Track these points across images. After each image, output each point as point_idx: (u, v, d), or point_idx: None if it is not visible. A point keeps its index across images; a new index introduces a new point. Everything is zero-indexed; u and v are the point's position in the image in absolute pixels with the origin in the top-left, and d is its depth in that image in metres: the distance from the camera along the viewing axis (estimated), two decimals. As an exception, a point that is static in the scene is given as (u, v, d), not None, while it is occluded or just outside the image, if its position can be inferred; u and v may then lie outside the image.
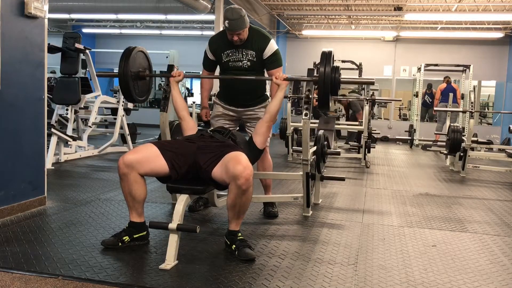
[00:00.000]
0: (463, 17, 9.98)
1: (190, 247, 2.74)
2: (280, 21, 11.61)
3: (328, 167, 6.37)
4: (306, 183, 3.48)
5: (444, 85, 10.10)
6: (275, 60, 3.38)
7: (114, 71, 3.63)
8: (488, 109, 15.17)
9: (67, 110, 6.43)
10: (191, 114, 7.72)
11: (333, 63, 3.07)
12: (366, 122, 6.89)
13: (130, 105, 7.01)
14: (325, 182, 4.78)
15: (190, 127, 3.12)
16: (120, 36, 14.17)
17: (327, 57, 3.03)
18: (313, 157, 3.77)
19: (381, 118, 13.34)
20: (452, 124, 6.81)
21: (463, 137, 6.16)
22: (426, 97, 11.99)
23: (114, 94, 12.40)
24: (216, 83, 3.73)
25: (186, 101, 15.55)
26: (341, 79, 3.15)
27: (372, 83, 3.70)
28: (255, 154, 2.99)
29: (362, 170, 6.42)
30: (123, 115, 6.81)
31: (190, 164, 2.68)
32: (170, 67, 3.40)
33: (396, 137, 10.72)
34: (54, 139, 5.53)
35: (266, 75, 3.47)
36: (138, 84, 3.32)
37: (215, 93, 3.81)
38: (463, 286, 2.34)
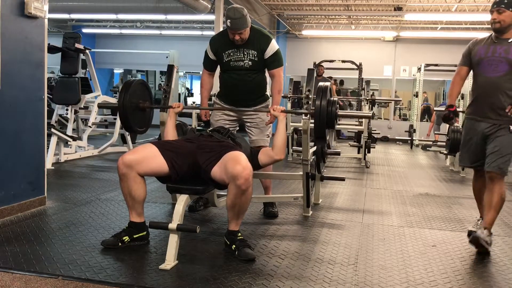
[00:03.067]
0: (463, 17, 9.98)
1: (190, 247, 2.74)
2: (280, 21, 11.60)
3: (328, 167, 6.37)
4: (306, 183, 3.48)
5: None
6: (276, 60, 3.38)
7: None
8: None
9: (67, 110, 6.43)
10: (190, 115, 7.72)
11: (330, 96, 3.07)
12: (366, 122, 6.89)
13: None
14: (325, 182, 4.78)
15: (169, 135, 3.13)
16: (120, 36, 14.17)
17: (323, 91, 3.02)
18: (313, 157, 3.77)
19: (381, 118, 13.34)
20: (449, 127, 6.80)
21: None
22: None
23: (114, 94, 12.41)
24: (216, 83, 3.72)
25: (186, 102, 15.57)
26: (339, 113, 3.13)
27: (372, 117, 3.77)
28: (254, 165, 2.97)
29: (362, 170, 6.42)
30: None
31: (189, 164, 2.68)
32: (170, 67, 3.40)
33: (396, 137, 10.72)
34: (54, 139, 5.53)
35: (267, 74, 3.48)
36: (138, 115, 3.32)
37: (215, 93, 3.81)
38: (463, 286, 2.34)
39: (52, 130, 5.41)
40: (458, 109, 3.38)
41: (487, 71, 2.96)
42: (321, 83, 3.14)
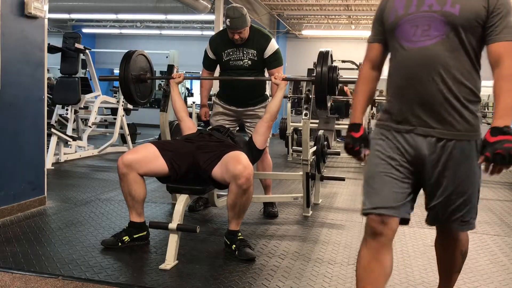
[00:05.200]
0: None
1: (190, 247, 2.74)
2: (280, 21, 11.61)
3: (328, 167, 6.37)
4: (306, 183, 3.48)
5: None
6: (276, 60, 3.38)
7: (114, 71, 3.64)
8: (488, 109, 15.17)
9: (67, 110, 6.43)
10: (190, 115, 7.71)
11: (331, 63, 3.08)
12: (366, 122, 6.89)
13: (130, 105, 7.01)
14: (325, 182, 4.78)
15: (189, 127, 3.12)
16: (120, 36, 14.17)
17: (324, 56, 3.04)
18: (313, 157, 3.77)
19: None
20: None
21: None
22: None
23: (114, 94, 12.41)
24: (216, 82, 3.73)
25: (186, 102, 15.57)
26: (340, 79, 3.15)
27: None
28: (255, 154, 2.99)
29: (362, 170, 6.42)
30: (123, 115, 6.81)
31: (189, 164, 2.68)
32: (170, 67, 3.40)
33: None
34: (54, 139, 5.53)
35: (266, 74, 3.48)
36: (140, 87, 3.33)
37: (215, 93, 3.81)
38: (463, 286, 2.34)
39: (52, 130, 5.41)
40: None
41: (411, 39, 1.58)
42: (322, 49, 3.16)
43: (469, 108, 1.56)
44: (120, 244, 2.67)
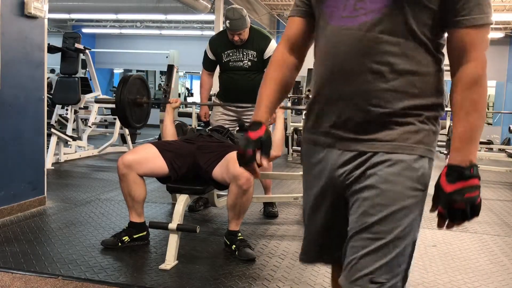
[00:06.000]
0: (463, 17, 9.96)
1: (190, 247, 2.74)
2: (280, 21, 11.61)
3: (328, 167, 6.36)
4: (306, 183, 3.47)
5: None
6: (275, 61, 3.37)
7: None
8: (488, 109, 15.17)
9: (67, 110, 6.43)
10: (190, 115, 7.69)
11: None
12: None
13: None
14: (325, 182, 4.77)
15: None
16: (120, 36, 14.16)
17: None
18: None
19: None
20: (452, 124, 6.80)
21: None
22: None
23: (114, 95, 12.41)
24: (216, 83, 3.72)
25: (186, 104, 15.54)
26: None
27: None
28: None
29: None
30: (123, 115, 6.80)
31: (189, 164, 2.68)
32: (170, 67, 3.40)
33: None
34: (54, 139, 5.52)
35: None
36: (136, 111, 3.32)
37: (214, 93, 3.81)
38: (463, 286, 2.34)
39: (52, 130, 5.41)
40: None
41: (339, 14, 1.11)
42: None
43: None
44: (120, 244, 2.67)
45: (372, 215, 1.06)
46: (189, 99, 14.52)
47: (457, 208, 1.02)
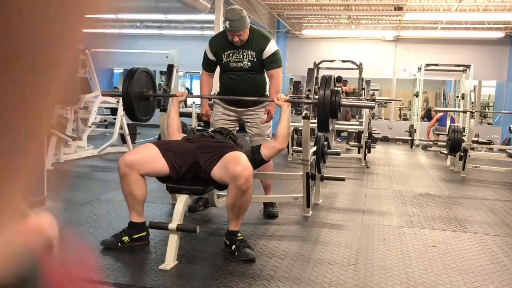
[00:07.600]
0: (463, 17, 9.97)
1: (190, 247, 2.74)
2: (280, 21, 11.60)
3: (328, 167, 6.36)
4: (306, 183, 3.48)
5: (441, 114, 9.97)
6: (275, 61, 3.37)
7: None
8: (488, 109, 15.17)
9: (66, 110, 6.41)
10: (190, 114, 7.68)
11: (334, 86, 3.07)
12: (366, 122, 6.88)
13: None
14: (325, 182, 4.77)
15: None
16: (120, 36, 14.15)
17: (327, 81, 3.02)
18: (313, 157, 3.77)
19: (381, 118, 13.34)
20: (452, 124, 6.81)
21: (463, 137, 6.15)
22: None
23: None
24: (216, 83, 3.72)
25: (186, 102, 15.54)
26: (342, 103, 3.13)
27: (372, 107, 3.72)
28: (257, 162, 2.97)
29: (362, 170, 6.41)
30: (123, 115, 6.80)
31: (190, 164, 2.68)
32: (170, 67, 3.39)
33: (396, 137, 10.71)
34: (54, 139, 5.52)
35: (266, 75, 3.47)
36: (142, 104, 3.33)
37: (215, 93, 3.80)
38: (463, 286, 2.34)
39: (52, 130, 5.40)
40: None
41: None
42: (325, 73, 3.14)
43: None
44: (120, 244, 2.67)
45: None
46: (189, 99, 14.49)
47: None
